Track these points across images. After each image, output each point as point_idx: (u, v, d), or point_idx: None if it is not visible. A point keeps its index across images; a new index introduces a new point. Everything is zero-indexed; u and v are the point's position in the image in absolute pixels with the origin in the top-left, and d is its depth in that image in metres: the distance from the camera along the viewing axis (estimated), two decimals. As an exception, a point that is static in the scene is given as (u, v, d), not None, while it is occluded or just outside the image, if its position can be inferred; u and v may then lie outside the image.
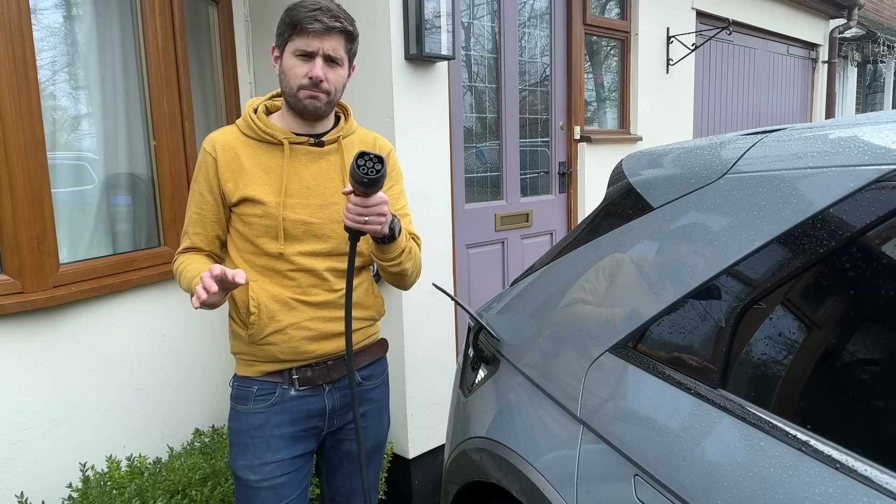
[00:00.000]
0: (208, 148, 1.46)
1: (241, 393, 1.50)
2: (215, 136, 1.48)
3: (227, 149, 1.45)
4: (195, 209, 1.48)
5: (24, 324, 1.92)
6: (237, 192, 1.43)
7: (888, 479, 0.71)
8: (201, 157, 1.47)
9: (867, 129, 0.92)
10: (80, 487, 1.90)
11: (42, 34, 2.06)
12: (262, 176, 1.44)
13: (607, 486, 1.07)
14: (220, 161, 1.44)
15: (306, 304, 1.46)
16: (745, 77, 5.59)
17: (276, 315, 1.44)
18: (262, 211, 1.42)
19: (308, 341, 1.46)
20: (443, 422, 2.70)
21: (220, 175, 1.44)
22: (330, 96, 1.44)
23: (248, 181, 1.43)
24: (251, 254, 1.45)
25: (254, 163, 1.44)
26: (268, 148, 1.46)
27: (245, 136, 1.46)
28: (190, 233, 1.50)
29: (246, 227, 1.44)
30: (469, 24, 3.11)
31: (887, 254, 0.81)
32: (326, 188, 1.47)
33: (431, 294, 2.61)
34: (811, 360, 0.86)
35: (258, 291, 1.44)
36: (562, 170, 3.66)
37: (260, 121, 1.46)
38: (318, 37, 1.39)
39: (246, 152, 1.45)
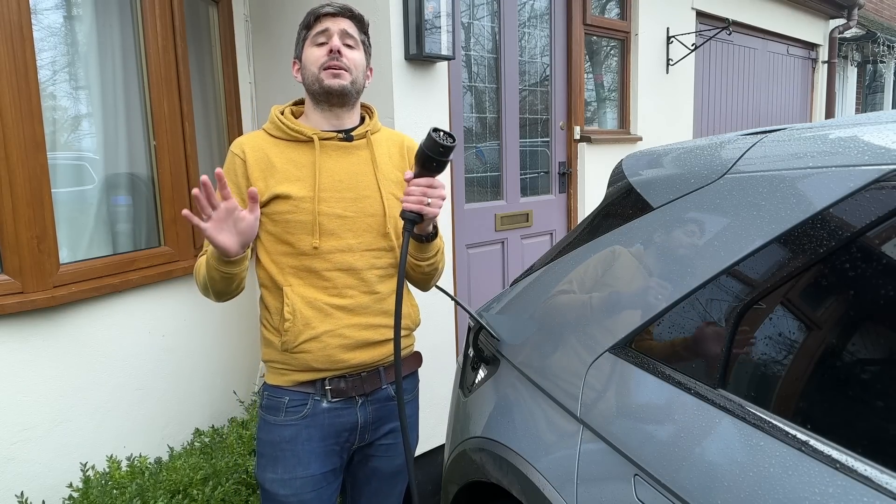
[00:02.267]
0: (236, 150, 1.45)
1: (272, 403, 1.46)
2: (243, 139, 1.48)
3: (255, 149, 1.44)
4: None
5: (25, 324, 1.92)
6: (269, 190, 1.41)
7: (888, 479, 0.71)
8: (229, 160, 1.46)
9: (867, 129, 0.92)
10: (81, 487, 1.90)
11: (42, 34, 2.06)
12: (294, 172, 1.42)
13: (607, 486, 1.07)
14: (250, 161, 1.43)
15: (342, 310, 1.42)
16: (745, 77, 5.59)
17: (311, 322, 1.40)
18: (293, 206, 1.40)
19: (343, 350, 1.42)
20: (443, 422, 2.70)
21: (250, 175, 1.42)
22: (352, 75, 1.44)
23: (278, 178, 1.42)
24: (284, 255, 1.42)
25: (284, 160, 1.43)
26: (297, 146, 1.45)
27: (273, 137, 1.46)
28: None
29: (277, 225, 1.41)
30: (469, 24, 3.11)
31: (887, 254, 0.81)
32: (359, 182, 1.45)
33: (431, 294, 2.61)
34: (811, 360, 0.86)
35: (293, 297, 1.41)
36: (562, 170, 3.66)
37: (287, 119, 1.46)
38: (331, 18, 1.43)
39: (275, 151, 1.44)
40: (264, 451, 1.46)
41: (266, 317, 1.46)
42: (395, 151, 1.54)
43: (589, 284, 1.31)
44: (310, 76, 1.44)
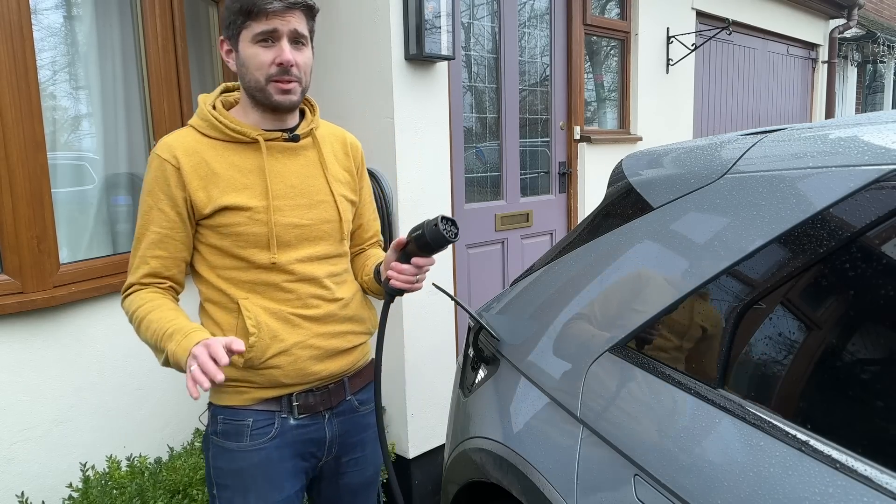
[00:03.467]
0: (165, 155, 1.25)
1: (231, 428, 1.30)
2: (171, 141, 1.27)
3: (190, 154, 1.26)
4: (156, 229, 1.26)
5: (25, 324, 1.92)
6: (212, 202, 1.25)
7: (888, 479, 0.71)
8: (156, 168, 1.26)
9: (867, 129, 0.92)
10: (81, 487, 1.90)
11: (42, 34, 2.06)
12: (240, 179, 1.27)
13: (607, 486, 1.07)
14: (185, 168, 1.24)
15: (308, 320, 1.32)
16: (745, 77, 5.59)
17: (279, 334, 1.28)
18: (247, 218, 1.26)
19: (315, 361, 1.32)
20: (443, 422, 2.70)
21: (188, 185, 1.24)
22: (302, 84, 1.29)
23: (224, 188, 1.26)
24: (236, 269, 1.28)
25: (226, 165, 1.27)
26: (238, 148, 1.29)
27: (207, 137, 1.28)
28: (148, 258, 1.27)
29: (225, 239, 1.27)
30: (469, 24, 3.11)
31: (887, 254, 0.81)
32: (311, 186, 1.34)
33: (431, 294, 2.61)
34: (811, 360, 0.86)
35: (254, 309, 1.27)
36: (562, 170, 3.66)
37: (225, 118, 1.28)
38: (280, 16, 1.21)
39: (213, 155, 1.27)
40: (228, 482, 1.31)
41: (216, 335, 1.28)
42: (339, 149, 1.44)
43: (589, 285, 1.31)
44: (252, 81, 1.26)
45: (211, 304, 1.31)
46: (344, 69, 2.59)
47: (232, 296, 1.28)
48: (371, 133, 2.51)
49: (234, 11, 1.24)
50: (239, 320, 1.28)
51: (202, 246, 1.30)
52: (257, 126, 1.31)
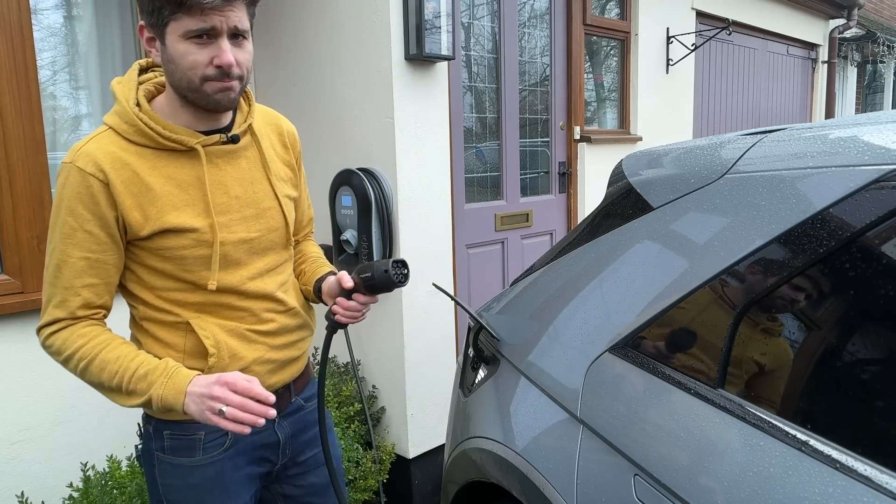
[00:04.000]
0: (89, 168, 1.06)
1: (182, 443, 1.21)
2: (91, 150, 1.08)
3: (117, 166, 1.08)
4: (81, 254, 1.09)
5: (25, 323, 1.92)
6: (150, 223, 1.10)
7: (888, 479, 0.71)
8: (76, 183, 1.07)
9: (867, 129, 0.92)
10: (81, 487, 1.90)
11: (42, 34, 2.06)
12: (179, 196, 1.12)
13: (607, 486, 1.07)
14: (115, 184, 1.08)
15: (264, 335, 1.24)
16: (745, 77, 5.59)
17: (237, 352, 1.20)
18: (193, 240, 1.13)
19: (270, 374, 1.26)
20: (443, 422, 2.70)
21: (120, 203, 1.08)
22: (243, 82, 1.13)
23: (162, 206, 1.11)
24: (180, 291, 1.16)
25: (161, 179, 1.11)
26: (172, 157, 1.12)
27: (132, 143, 1.10)
28: (78, 287, 1.10)
29: (168, 263, 1.13)
30: (469, 25, 3.11)
31: (887, 254, 0.81)
32: (256, 192, 1.22)
33: (431, 294, 2.61)
34: (811, 360, 0.86)
35: (210, 328, 1.17)
36: (562, 170, 3.66)
37: (156, 123, 1.11)
38: (219, 11, 1.03)
39: (145, 167, 1.10)
40: (181, 498, 1.22)
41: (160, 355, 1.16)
42: (277, 141, 1.31)
43: (589, 285, 1.31)
44: (184, 81, 1.08)
45: (152, 322, 1.18)
46: (344, 69, 2.59)
47: (179, 315, 1.17)
48: (371, 133, 2.51)
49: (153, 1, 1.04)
50: (187, 339, 1.17)
51: (137, 266, 1.15)
52: (190, 128, 1.14)
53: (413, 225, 2.54)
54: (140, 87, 1.16)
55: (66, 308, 1.11)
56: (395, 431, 2.66)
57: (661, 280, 1.11)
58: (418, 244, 2.57)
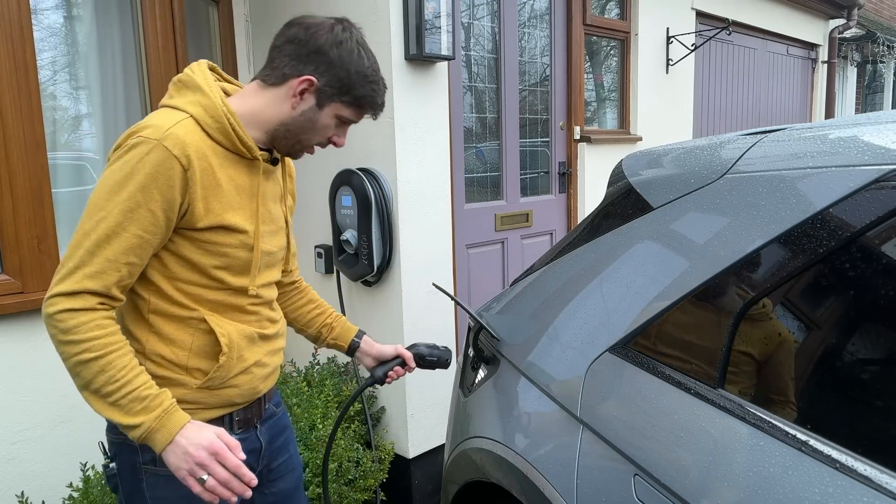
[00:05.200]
0: (176, 152, 1.08)
1: None
2: (180, 134, 1.09)
3: (200, 156, 1.12)
4: (137, 231, 1.07)
5: (25, 323, 1.92)
6: (210, 216, 1.14)
7: (888, 479, 0.71)
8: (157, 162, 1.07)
9: (867, 129, 0.92)
10: (81, 487, 1.90)
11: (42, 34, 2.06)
12: (236, 197, 1.18)
13: (607, 486, 1.07)
14: (195, 173, 1.11)
15: (263, 338, 1.29)
16: (745, 77, 5.59)
17: (243, 353, 1.23)
18: (239, 241, 1.18)
19: (263, 379, 1.29)
20: (443, 422, 2.70)
21: (192, 191, 1.11)
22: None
23: (224, 203, 1.16)
24: (201, 287, 1.17)
25: (226, 178, 1.16)
26: (236, 162, 1.19)
27: (211, 139, 1.15)
28: (122, 264, 1.07)
29: (207, 256, 1.16)
30: (469, 25, 3.11)
31: (887, 254, 0.81)
32: (276, 212, 1.31)
33: (431, 294, 2.61)
34: (811, 360, 0.86)
35: (226, 327, 1.19)
36: (562, 170, 3.66)
37: (241, 130, 1.17)
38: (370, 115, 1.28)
39: (216, 163, 1.15)
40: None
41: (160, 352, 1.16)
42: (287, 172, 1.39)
43: (589, 285, 1.31)
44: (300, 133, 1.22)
45: (161, 316, 1.17)
46: (344, 69, 2.59)
47: (193, 311, 1.17)
48: (371, 133, 2.51)
49: (342, 81, 1.19)
50: (195, 338, 1.17)
51: (168, 255, 1.15)
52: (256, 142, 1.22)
53: (413, 225, 2.54)
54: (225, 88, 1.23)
55: (101, 281, 1.06)
56: (395, 431, 2.66)
57: (661, 280, 1.11)
58: (418, 244, 2.57)
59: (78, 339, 1.04)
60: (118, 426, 1.07)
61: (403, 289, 2.53)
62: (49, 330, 1.06)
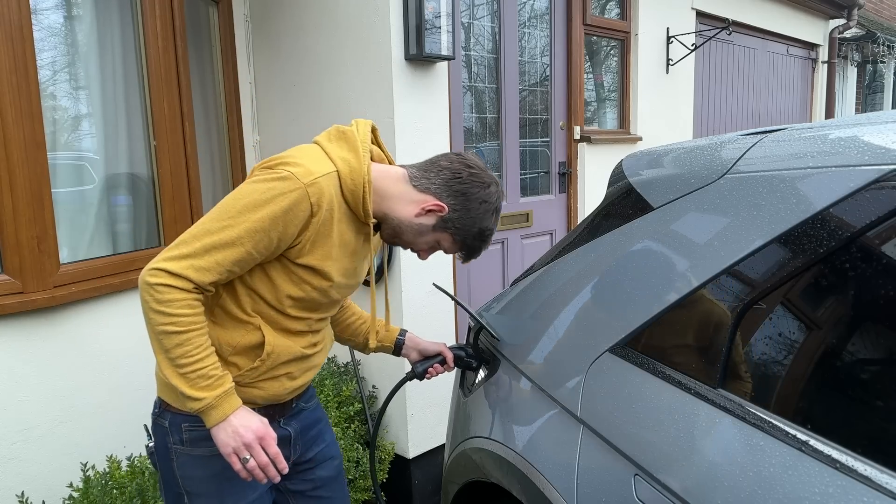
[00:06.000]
0: (314, 200, 1.21)
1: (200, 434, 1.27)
2: (324, 187, 1.23)
3: (328, 208, 1.25)
4: (250, 248, 1.19)
5: (25, 324, 1.92)
6: (310, 257, 1.26)
7: (888, 479, 0.71)
8: (295, 201, 1.20)
9: (867, 129, 0.92)
10: (81, 487, 1.90)
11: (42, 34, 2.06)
12: (338, 250, 1.30)
13: (607, 486, 1.07)
14: (318, 220, 1.24)
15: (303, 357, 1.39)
16: (745, 77, 5.59)
17: (278, 363, 1.33)
18: (323, 286, 1.30)
19: (291, 391, 1.39)
20: (443, 422, 2.70)
21: (307, 233, 1.24)
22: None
23: (327, 252, 1.28)
24: (269, 306, 1.29)
25: (338, 232, 1.29)
26: (351, 220, 1.31)
27: (343, 197, 1.28)
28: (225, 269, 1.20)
29: (290, 286, 1.28)
30: (469, 25, 3.11)
31: (887, 254, 0.81)
32: (361, 268, 1.42)
33: (431, 294, 2.61)
34: (811, 360, 0.86)
35: (275, 338, 1.30)
36: (562, 170, 3.66)
37: (369, 199, 1.29)
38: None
39: (337, 217, 1.28)
40: (202, 489, 1.31)
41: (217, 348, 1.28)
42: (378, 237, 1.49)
43: (589, 284, 1.31)
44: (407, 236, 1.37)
45: (224, 312, 1.29)
46: (344, 69, 2.59)
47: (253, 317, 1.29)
48: (371, 133, 2.51)
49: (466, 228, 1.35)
50: (246, 337, 1.28)
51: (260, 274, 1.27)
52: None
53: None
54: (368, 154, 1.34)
55: (203, 276, 1.18)
56: (395, 431, 2.66)
57: (662, 280, 1.11)
58: (418, 244, 2.57)
59: (170, 312, 1.16)
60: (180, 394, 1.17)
61: (403, 289, 2.53)
62: (143, 296, 1.17)
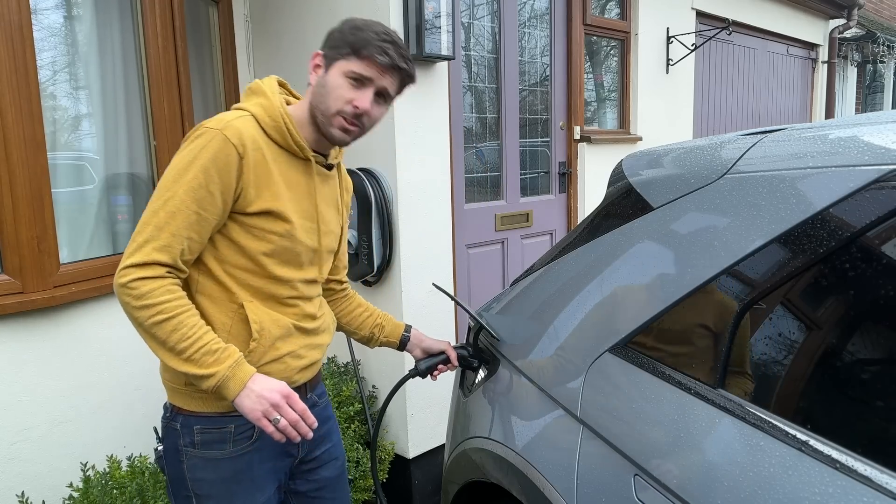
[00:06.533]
0: (235, 141, 1.19)
1: (211, 437, 1.27)
2: (241, 127, 1.22)
3: (254, 147, 1.22)
4: (196, 208, 1.17)
5: (25, 324, 1.92)
6: (260, 201, 1.23)
7: (888, 479, 0.71)
8: (220, 149, 1.18)
9: (867, 129, 0.92)
10: (81, 487, 1.90)
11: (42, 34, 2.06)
12: (286, 191, 1.27)
13: (607, 486, 1.07)
14: (249, 161, 1.21)
15: (302, 331, 1.35)
16: (745, 77, 5.59)
17: (276, 342, 1.29)
18: (284, 230, 1.26)
19: (299, 370, 1.34)
20: (443, 422, 2.70)
21: (244, 177, 1.21)
22: (362, 132, 1.32)
23: (274, 192, 1.25)
24: (247, 272, 1.26)
25: (278, 172, 1.26)
26: (290, 159, 1.29)
27: (268, 136, 1.26)
28: (184, 237, 1.18)
29: (256, 241, 1.25)
30: (469, 24, 3.11)
31: (887, 254, 0.81)
32: (328, 215, 1.38)
33: (431, 294, 2.61)
34: (811, 360, 0.86)
35: (259, 314, 1.26)
36: (562, 170, 3.66)
37: (294, 129, 1.27)
38: (381, 70, 1.26)
39: (270, 156, 1.25)
40: (212, 492, 1.29)
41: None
42: (344, 185, 1.49)
43: (589, 285, 1.31)
44: (323, 106, 1.27)
45: (205, 297, 1.26)
46: (344, 69, 2.59)
47: (235, 295, 1.25)
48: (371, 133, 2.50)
49: (346, 40, 1.26)
50: (234, 322, 1.25)
51: (221, 238, 1.25)
52: (309, 143, 1.32)
53: (413, 225, 2.54)
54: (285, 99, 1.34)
55: (168, 253, 1.17)
56: (395, 431, 2.66)
57: (661, 280, 1.11)
58: (418, 244, 2.57)
59: (152, 303, 1.15)
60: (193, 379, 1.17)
61: (403, 289, 2.53)
62: (122, 299, 1.16)
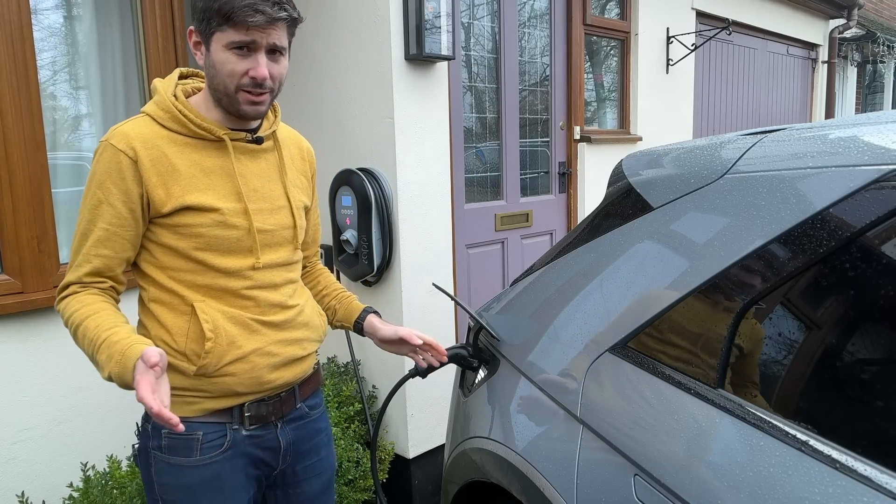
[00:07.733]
0: (121, 146, 1.14)
1: (177, 443, 1.21)
2: (127, 129, 1.17)
3: (148, 146, 1.16)
4: (104, 225, 1.16)
5: (25, 324, 1.92)
6: (172, 200, 1.17)
7: (888, 479, 0.71)
8: (108, 159, 1.15)
9: (867, 129, 0.92)
10: (81, 487, 1.90)
11: (42, 34, 2.06)
12: (202, 179, 1.20)
13: (607, 486, 1.07)
14: (144, 162, 1.15)
15: (267, 326, 1.26)
16: (745, 77, 5.59)
17: (236, 340, 1.21)
18: (211, 220, 1.19)
19: (271, 369, 1.26)
20: (443, 422, 2.70)
21: (146, 180, 1.15)
22: (273, 94, 1.23)
23: (185, 186, 1.18)
24: (190, 272, 1.20)
25: (187, 163, 1.19)
26: (200, 145, 1.21)
27: (167, 129, 1.19)
28: (91, 256, 1.18)
29: (184, 240, 1.19)
30: (469, 25, 3.11)
31: (887, 254, 0.81)
32: (271, 190, 1.29)
33: (431, 294, 2.61)
34: (811, 360, 0.86)
35: (211, 312, 1.20)
36: (562, 170, 3.66)
37: (189, 111, 1.20)
38: (261, 29, 1.14)
39: (174, 150, 1.18)
40: (176, 498, 1.23)
41: (163, 339, 1.20)
42: (297, 154, 1.39)
43: (589, 285, 1.31)
44: (220, 86, 1.18)
45: (158, 304, 1.22)
46: (344, 69, 2.59)
47: (185, 297, 1.20)
48: (371, 133, 2.51)
49: (211, 9, 1.13)
50: (191, 324, 1.20)
51: (153, 245, 1.21)
52: (221, 124, 1.23)
53: (413, 225, 2.54)
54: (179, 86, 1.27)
55: (77, 273, 1.19)
56: (395, 431, 2.66)
57: (662, 280, 1.11)
58: (418, 244, 2.57)
59: (65, 319, 1.18)
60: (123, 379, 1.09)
61: (403, 289, 2.53)
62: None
